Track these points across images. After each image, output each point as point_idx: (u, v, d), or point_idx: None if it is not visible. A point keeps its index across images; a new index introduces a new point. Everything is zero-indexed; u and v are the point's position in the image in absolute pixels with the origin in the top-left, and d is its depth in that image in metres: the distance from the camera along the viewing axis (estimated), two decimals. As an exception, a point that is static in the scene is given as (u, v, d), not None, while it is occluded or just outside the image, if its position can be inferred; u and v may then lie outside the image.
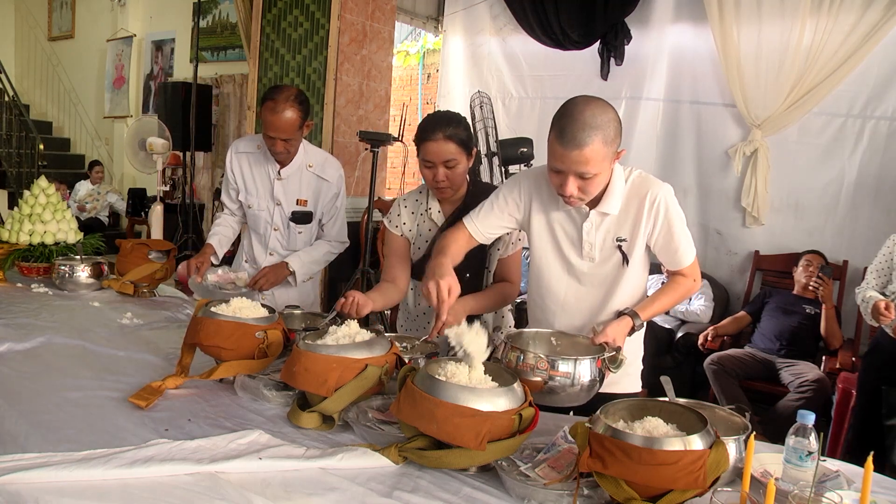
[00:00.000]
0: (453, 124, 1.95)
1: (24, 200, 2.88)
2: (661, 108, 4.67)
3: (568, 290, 1.84)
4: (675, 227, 1.73)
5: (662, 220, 1.72)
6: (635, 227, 1.74)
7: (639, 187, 1.73)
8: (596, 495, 1.20)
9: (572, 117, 1.55)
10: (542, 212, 1.82)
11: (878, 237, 2.74)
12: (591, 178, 1.60)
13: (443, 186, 2.00)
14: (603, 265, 1.79)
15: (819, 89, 3.97)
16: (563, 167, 1.59)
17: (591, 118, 1.54)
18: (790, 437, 1.29)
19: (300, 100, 2.41)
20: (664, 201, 1.71)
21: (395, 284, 2.13)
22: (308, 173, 2.58)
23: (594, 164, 1.57)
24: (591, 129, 1.54)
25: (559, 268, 1.84)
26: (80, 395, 1.57)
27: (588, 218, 1.75)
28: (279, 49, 4.87)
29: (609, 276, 1.79)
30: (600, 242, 1.77)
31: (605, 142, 1.55)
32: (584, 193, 1.64)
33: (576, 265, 1.81)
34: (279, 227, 2.64)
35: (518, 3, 4.94)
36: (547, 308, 1.89)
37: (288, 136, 2.41)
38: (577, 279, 1.82)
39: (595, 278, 1.81)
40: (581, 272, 1.81)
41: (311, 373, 1.46)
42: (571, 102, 1.59)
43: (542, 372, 1.52)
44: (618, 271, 1.78)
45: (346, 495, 1.20)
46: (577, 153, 1.55)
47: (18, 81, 8.95)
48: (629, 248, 1.76)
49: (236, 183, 2.66)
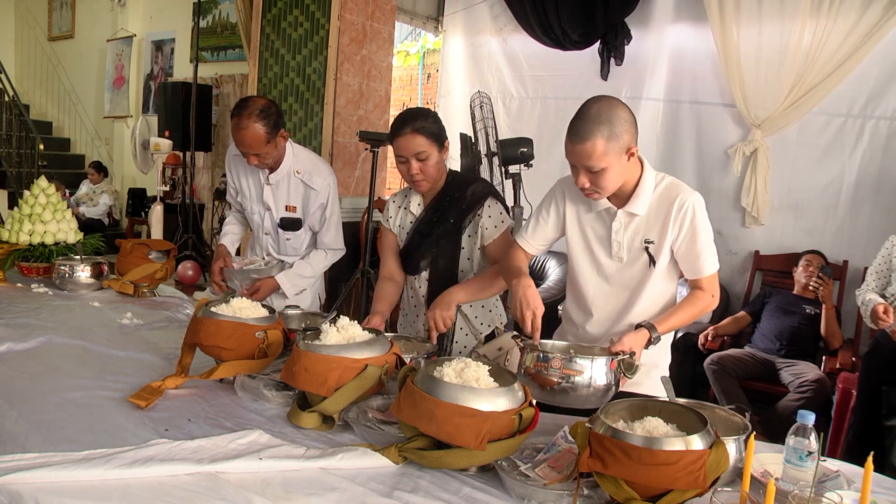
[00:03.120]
0: (420, 118, 2.04)
1: (24, 200, 2.89)
2: (661, 108, 4.67)
3: (597, 290, 1.88)
4: (699, 235, 1.75)
5: (688, 226, 1.75)
6: (663, 231, 1.77)
7: (669, 192, 1.77)
8: (596, 495, 1.20)
9: (580, 114, 1.65)
10: (575, 213, 1.88)
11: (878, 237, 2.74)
12: (599, 173, 1.65)
13: (418, 180, 2.07)
14: (630, 266, 1.82)
15: (819, 89, 3.97)
16: (573, 160, 1.67)
17: (597, 114, 1.62)
18: (790, 437, 1.29)
19: (265, 113, 2.34)
20: (692, 208, 1.75)
21: (393, 280, 2.24)
22: (296, 179, 2.56)
23: (597, 159, 1.62)
24: (595, 124, 1.61)
25: (589, 267, 1.88)
26: (80, 395, 1.57)
27: (616, 217, 1.79)
28: (279, 49, 4.87)
29: (636, 278, 1.83)
30: (628, 242, 1.81)
31: (608, 137, 1.61)
32: (597, 187, 1.69)
33: (604, 265, 1.85)
34: (270, 231, 2.65)
35: (518, 3, 4.94)
36: (577, 308, 1.94)
37: (256, 150, 2.38)
38: (606, 279, 1.86)
39: (622, 279, 1.84)
40: (609, 272, 1.85)
41: (311, 373, 1.46)
42: (587, 101, 1.68)
43: (557, 371, 1.56)
44: (644, 273, 1.81)
45: (346, 495, 1.20)
46: (580, 147, 1.63)
47: (18, 81, 8.95)
48: (656, 250, 1.79)
49: (234, 184, 2.67)
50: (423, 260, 2.16)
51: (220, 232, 2.82)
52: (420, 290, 2.20)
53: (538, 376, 1.57)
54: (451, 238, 2.11)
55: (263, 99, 2.44)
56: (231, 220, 2.80)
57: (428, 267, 2.17)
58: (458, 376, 1.34)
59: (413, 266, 2.19)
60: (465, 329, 2.20)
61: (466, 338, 2.20)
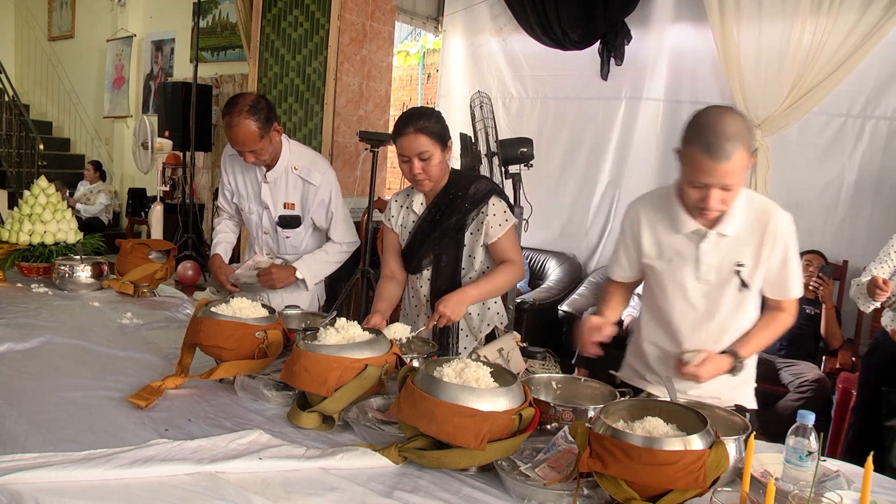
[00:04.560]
0: (423, 118, 2.03)
1: (24, 200, 2.89)
2: (661, 108, 4.67)
3: (683, 315, 1.80)
4: (790, 256, 1.72)
5: (781, 248, 1.71)
6: (757, 254, 1.71)
7: (762, 212, 1.72)
8: (596, 495, 1.20)
9: (716, 129, 1.54)
10: (652, 236, 1.81)
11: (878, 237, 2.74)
12: (734, 189, 1.60)
13: (420, 179, 2.07)
14: (720, 289, 1.75)
15: (819, 89, 3.96)
16: (712, 180, 1.57)
17: (734, 128, 1.54)
18: (790, 437, 1.29)
19: (256, 108, 2.33)
20: (786, 228, 1.71)
21: (394, 279, 2.24)
22: (293, 175, 2.54)
23: (738, 174, 1.57)
24: (736, 138, 1.53)
25: (672, 291, 1.80)
26: (80, 395, 1.57)
27: (706, 238, 1.72)
28: (279, 49, 4.87)
29: (727, 302, 1.76)
30: (717, 264, 1.73)
31: (747, 150, 1.55)
32: (724, 205, 1.63)
33: (690, 288, 1.77)
34: (268, 230, 2.64)
35: (518, 3, 4.93)
36: (664, 335, 1.86)
37: (250, 147, 2.36)
38: (692, 304, 1.78)
39: (711, 303, 1.77)
40: (696, 296, 1.77)
41: (311, 373, 1.46)
42: (708, 115, 1.59)
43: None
44: (736, 297, 1.75)
45: (346, 495, 1.20)
46: (726, 165, 1.54)
47: (18, 81, 8.94)
48: (749, 274, 1.72)
49: (230, 185, 2.66)
50: (425, 259, 2.16)
51: (213, 238, 2.78)
52: (422, 290, 2.20)
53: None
54: (454, 236, 2.11)
55: (253, 94, 2.43)
56: (221, 227, 2.76)
57: (430, 266, 2.17)
58: (458, 376, 1.34)
59: (415, 265, 2.18)
60: (466, 330, 2.20)
61: (466, 338, 2.20)
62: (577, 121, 5.01)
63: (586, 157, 5.01)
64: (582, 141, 5.01)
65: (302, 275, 2.55)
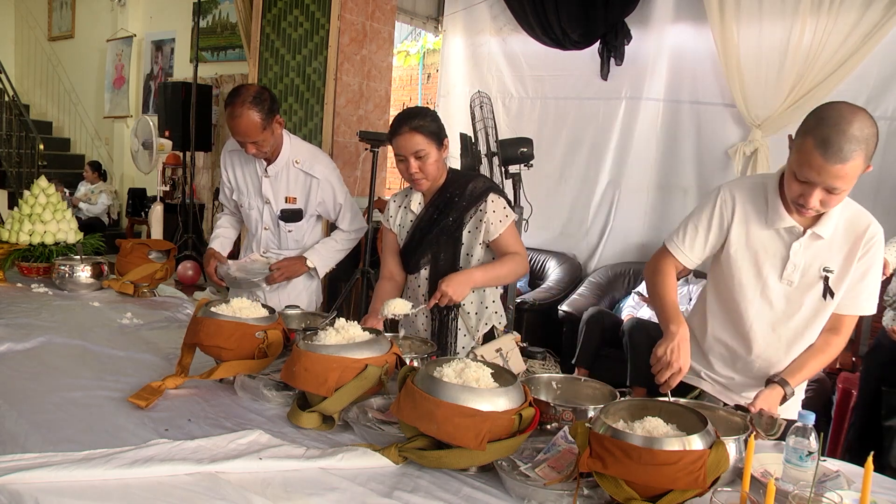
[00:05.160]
0: (419, 117, 2.04)
1: (24, 200, 2.89)
2: (661, 108, 4.67)
3: (759, 314, 1.73)
4: (873, 270, 1.65)
5: (869, 257, 1.64)
6: (847, 261, 1.64)
7: (858, 219, 1.65)
8: (596, 495, 1.20)
9: (839, 127, 1.44)
10: (744, 226, 1.71)
11: (878, 237, 2.73)
12: (838, 193, 1.50)
13: (417, 178, 2.07)
14: (801, 293, 1.68)
15: (819, 89, 3.96)
16: (818, 179, 1.47)
17: (859, 131, 1.44)
18: (790, 437, 1.29)
19: (259, 99, 2.33)
20: (879, 242, 1.64)
21: (393, 280, 2.24)
22: (295, 169, 2.55)
23: (849, 180, 1.47)
24: (858, 142, 1.43)
25: (753, 287, 1.72)
26: (80, 395, 1.57)
27: (800, 238, 1.65)
28: (279, 49, 4.87)
29: (806, 308, 1.69)
30: (805, 266, 1.66)
31: (866, 157, 1.46)
32: (824, 207, 1.54)
33: (772, 287, 1.69)
34: (269, 225, 2.64)
35: (518, 3, 4.94)
36: (732, 329, 1.78)
37: (253, 138, 2.37)
38: (770, 303, 1.71)
39: (790, 305, 1.70)
40: (776, 296, 1.70)
41: (311, 373, 1.46)
42: (835, 110, 1.48)
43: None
44: (817, 304, 1.68)
45: (346, 495, 1.20)
46: (839, 167, 1.44)
47: (18, 81, 8.95)
48: (836, 283, 1.65)
49: (229, 182, 2.66)
50: (423, 258, 2.16)
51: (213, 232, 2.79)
52: (420, 290, 2.20)
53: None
54: (452, 235, 2.12)
55: (256, 86, 2.43)
56: (222, 221, 2.77)
57: (428, 265, 2.17)
58: (458, 376, 1.34)
59: (413, 264, 2.19)
60: (464, 329, 2.20)
61: (464, 338, 2.20)
62: (577, 121, 5.01)
63: (586, 157, 5.01)
64: (582, 141, 5.01)
65: (313, 263, 2.57)
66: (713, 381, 1.84)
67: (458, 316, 2.18)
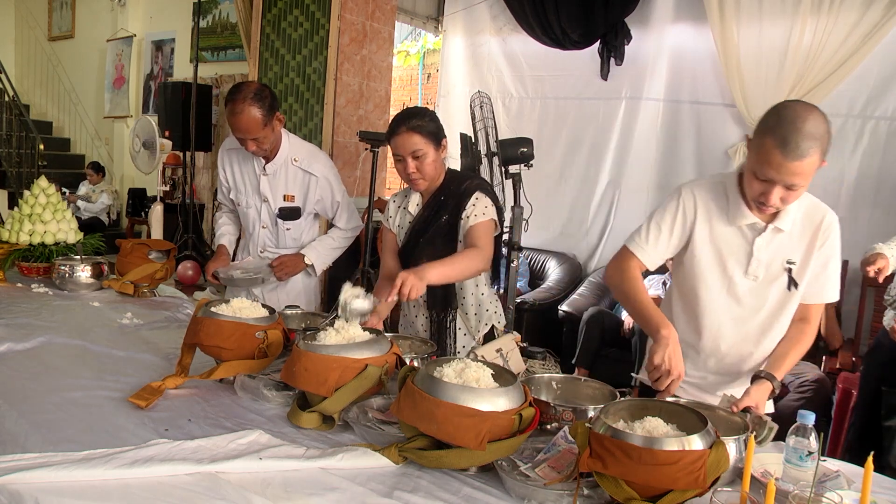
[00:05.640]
0: (417, 117, 2.04)
1: (24, 200, 2.89)
2: (661, 108, 4.67)
3: (726, 311, 1.76)
4: (833, 258, 1.70)
5: (827, 246, 1.68)
6: (808, 252, 1.68)
7: (814, 209, 1.69)
8: (596, 495, 1.20)
9: (795, 125, 1.48)
10: (707, 225, 1.74)
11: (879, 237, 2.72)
12: (798, 190, 1.54)
13: (415, 178, 2.07)
14: (766, 287, 1.72)
15: (819, 89, 3.96)
16: (778, 177, 1.51)
17: (815, 128, 1.48)
18: (790, 437, 1.29)
19: (260, 96, 2.35)
20: (836, 230, 1.68)
21: (392, 279, 2.17)
22: (294, 167, 2.56)
23: (806, 176, 1.52)
24: (814, 139, 1.48)
25: (718, 285, 1.75)
26: (80, 395, 1.57)
27: (763, 233, 1.69)
28: (279, 49, 4.87)
29: (772, 300, 1.73)
30: (768, 260, 1.70)
31: (821, 153, 1.51)
32: (784, 204, 1.59)
33: (738, 283, 1.73)
34: (267, 224, 2.64)
35: (518, 3, 4.94)
36: (701, 330, 1.80)
37: (254, 134, 2.38)
38: (737, 299, 1.74)
39: (756, 301, 1.73)
40: (741, 291, 1.73)
41: (311, 373, 1.46)
42: (791, 109, 1.52)
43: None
44: (782, 296, 1.72)
45: (346, 495, 1.20)
46: (797, 164, 1.49)
47: (18, 81, 8.94)
48: (798, 273, 1.69)
49: (227, 181, 2.66)
50: (420, 259, 2.15)
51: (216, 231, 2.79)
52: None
53: None
54: (447, 236, 2.11)
55: (256, 83, 2.44)
56: (224, 220, 2.78)
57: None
58: (458, 376, 1.34)
59: (411, 265, 2.18)
60: (464, 329, 2.20)
61: (465, 337, 2.20)
62: (577, 121, 5.01)
63: (586, 157, 5.01)
64: (582, 141, 5.01)
65: (310, 260, 2.59)
66: (687, 383, 1.84)
67: (455, 318, 2.18)
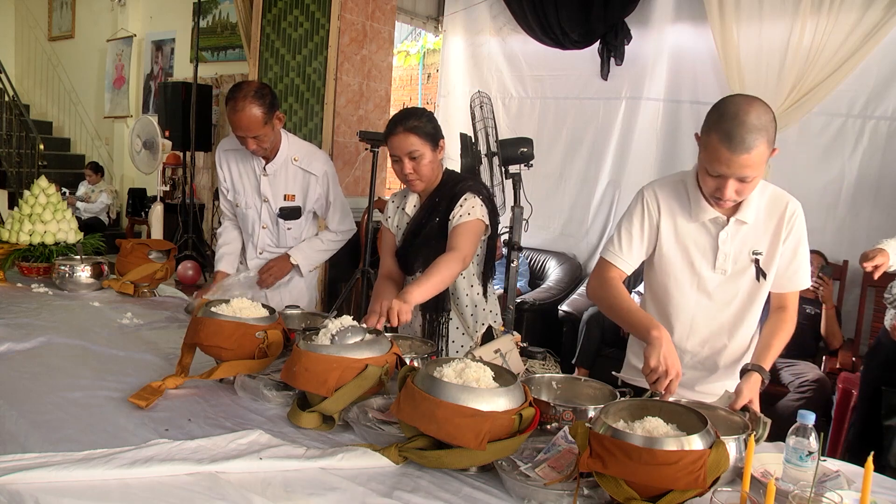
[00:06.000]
0: (414, 118, 2.04)
1: (24, 200, 2.89)
2: (661, 108, 4.67)
3: (697, 306, 1.77)
4: (801, 245, 1.72)
5: (794, 234, 1.70)
6: (774, 241, 1.70)
7: (777, 199, 1.71)
8: (596, 495, 1.20)
9: (738, 119, 1.50)
10: (671, 224, 1.76)
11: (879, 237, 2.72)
12: (749, 182, 1.57)
13: (412, 179, 2.07)
14: (735, 279, 1.74)
15: (819, 89, 3.96)
16: (728, 171, 1.54)
17: (757, 119, 1.50)
18: (790, 437, 1.29)
19: (261, 94, 2.35)
20: (799, 216, 1.70)
21: (391, 279, 2.24)
22: (293, 167, 2.56)
23: (757, 167, 1.54)
24: (758, 130, 1.50)
25: (688, 282, 1.77)
26: (80, 395, 1.57)
27: (726, 227, 1.70)
28: (279, 49, 4.87)
29: (742, 293, 1.75)
30: (735, 253, 1.72)
31: (768, 143, 1.52)
32: (740, 196, 1.61)
33: (707, 278, 1.74)
34: (267, 224, 2.64)
35: (518, 3, 4.94)
36: (674, 327, 1.81)
37: (255, 133, 2.38)
38: (708, 295, 1.76)
39: (727, 294, 1.75)
40: (711, 287, 1.75)
41: (311, 373, 1.46)
42: (731, 104, 1.54)
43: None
44: (752, 287, 1.74)
45: (346, 495, 1.20)
46: (745, 157, 1.50)
47: (18, 81, 8.94)
48: (766, 263, 1.71)
49: (225, 181, 2.66)
50: (417, 260, 2.15)
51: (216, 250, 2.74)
52: None
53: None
54: (443, 237, 2.10)
55: (257, 82, 2.45)
56: (225, 236, 2.72)
57: (422, 267, 2.16)
58: (458, 376, 1.34)
59: (409, 266, 2.18)
60: (461, 328, 2.20)
61: (463, 337, 2.20)
62: (577, 121, 5.01)
63: (586, 157, 5.01)
64: (582, 141, 5.01)
65: (296, 260, 2.59)
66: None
67: (449, 320, 2.17)
